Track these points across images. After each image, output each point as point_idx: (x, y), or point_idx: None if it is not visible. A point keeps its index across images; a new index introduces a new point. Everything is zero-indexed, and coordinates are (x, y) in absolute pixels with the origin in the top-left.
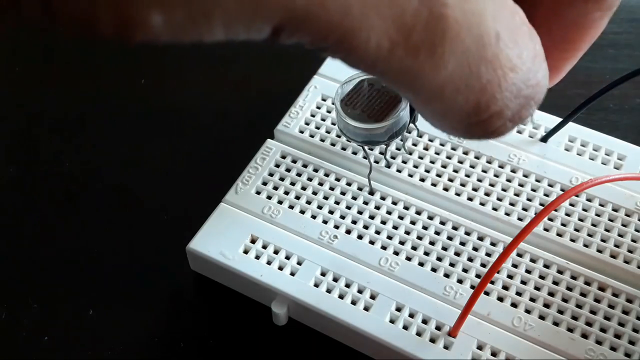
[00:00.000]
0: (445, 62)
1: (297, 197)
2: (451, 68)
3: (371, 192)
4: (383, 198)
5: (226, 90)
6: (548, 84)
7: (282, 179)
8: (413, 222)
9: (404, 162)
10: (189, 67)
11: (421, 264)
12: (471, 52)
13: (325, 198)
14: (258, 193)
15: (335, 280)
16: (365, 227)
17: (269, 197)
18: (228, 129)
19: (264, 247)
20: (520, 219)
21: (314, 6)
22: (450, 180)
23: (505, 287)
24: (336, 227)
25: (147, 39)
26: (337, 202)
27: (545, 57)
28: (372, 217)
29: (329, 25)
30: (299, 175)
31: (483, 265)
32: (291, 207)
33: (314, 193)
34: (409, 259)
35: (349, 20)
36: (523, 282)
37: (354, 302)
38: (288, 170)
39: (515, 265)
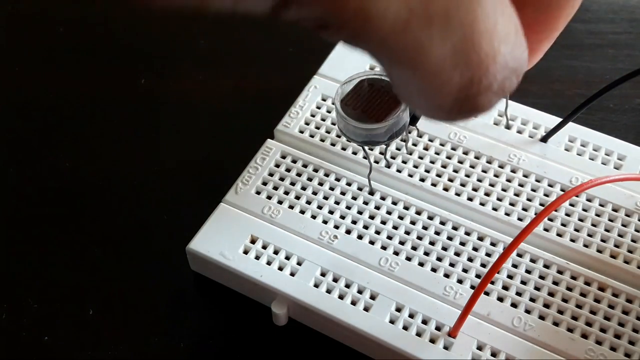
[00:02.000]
0: (453, 32)
1: (297, 197)
2: (456, 39)
3: (371, 192)
4: (383, 198)
5: (226, 90)
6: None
7: (282, 179)
8: (413, 222)
9: (404, 162)
10: (189, 67)
11: (421, 264)
12: (477, 23)
13: (325, 198)
14: (258, 193)
15: (335, 280)
16: (365, 227)
17: (269, 197)
18: (228, 129)
19: (264, 247)
20: (520, 219)
21: None
22: (450, 180)
23: (505, 287)
24: (336, 227)
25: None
26: (337, 202)
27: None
28: (372, 217)
29: None
30: (299, 175)
31: (483, 265)
32: (291, 207)
33: (314, 193)
34: (409, 259)
35: None
36: (523, 282)
37: (353, 303)
38: (288, 170)
39: (515, 266)
